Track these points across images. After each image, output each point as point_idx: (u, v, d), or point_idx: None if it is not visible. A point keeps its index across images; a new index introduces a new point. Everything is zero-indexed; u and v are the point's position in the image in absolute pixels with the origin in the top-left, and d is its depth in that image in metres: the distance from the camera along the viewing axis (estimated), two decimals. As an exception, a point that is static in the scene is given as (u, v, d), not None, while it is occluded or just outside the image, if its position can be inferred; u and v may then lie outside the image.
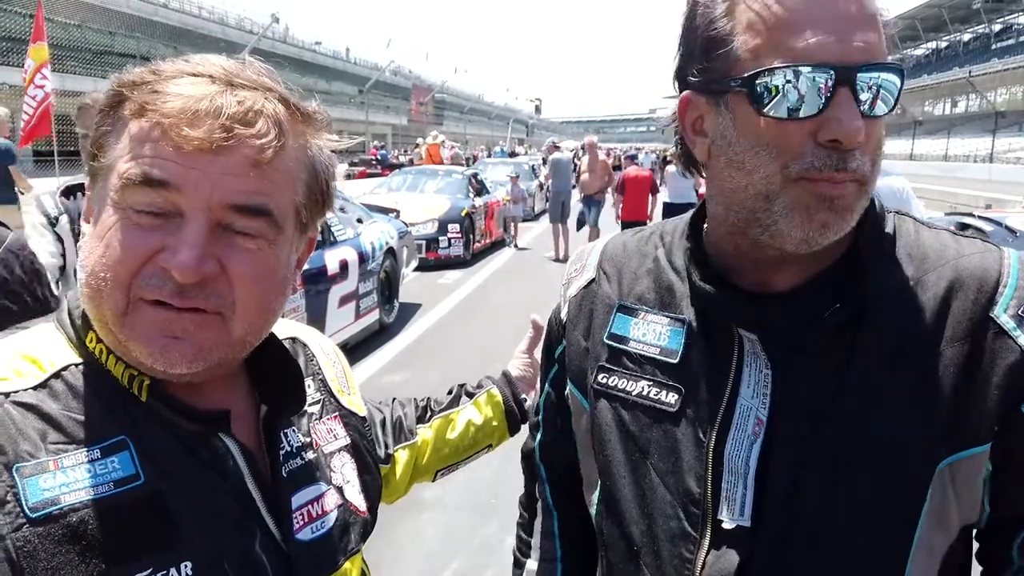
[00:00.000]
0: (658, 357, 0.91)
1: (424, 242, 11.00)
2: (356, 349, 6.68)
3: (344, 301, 6.42)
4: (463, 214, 11.85)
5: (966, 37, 71.00)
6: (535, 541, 1.15)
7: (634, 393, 0.92)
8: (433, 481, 1.27)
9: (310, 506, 0.83)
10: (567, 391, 1.03)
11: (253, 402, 0.83)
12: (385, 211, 8.97)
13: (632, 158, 17.52)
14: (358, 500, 0.92)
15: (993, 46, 64.53)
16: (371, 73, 59.89)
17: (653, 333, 0.93)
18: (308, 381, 0.92)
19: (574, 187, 13.02)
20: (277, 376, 0.84)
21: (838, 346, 0.83)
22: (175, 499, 0.71)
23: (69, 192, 2.89)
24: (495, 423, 1.28)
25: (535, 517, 1.16)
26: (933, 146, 55.42)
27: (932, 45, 76.00)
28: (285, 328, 0.95)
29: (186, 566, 0.69)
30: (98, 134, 0.73)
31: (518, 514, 1.21)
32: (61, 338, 0.75)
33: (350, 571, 0.88)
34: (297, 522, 0.81)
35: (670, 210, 12.54)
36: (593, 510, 1.00)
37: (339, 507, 0.87)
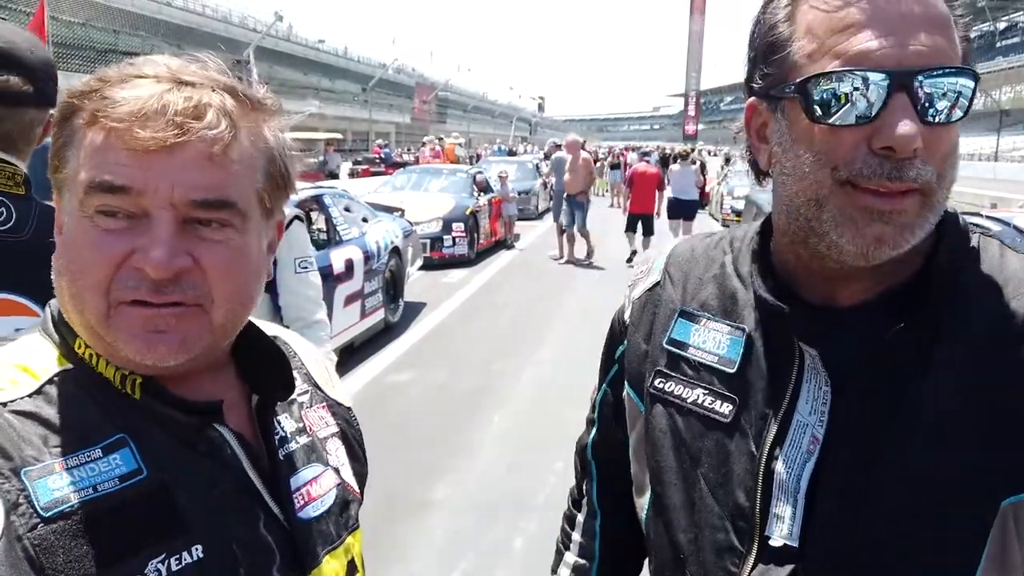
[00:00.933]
0: (715, 365, 0.90)
1: (428, 241, 11.00)
2: (361, 348, 6.68)
3: (350, 300, 6.42)
4: (467, 213, 11.84)
5: (971, 35, 70.64)
6: (576, 536, 1.16)
7: (689, 400, 0.90)
8: None
9: (309, 486, 0.86)
10: (624, 393, 1.02)
11: (243, 392, 0.86)
12: (390, 210, 8.97)
13: (645, 155, 17.89)
14: (352, 482, 0.95)
15: (998, 44, 64.29)
16: (375, 71, 59.88)
17: (713, 341, 0.91)
18: (295, 374, 0.94)
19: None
20: (264, 366, 0.87)
21: (904, 369, 0.79)
22: (179, 490, 0.73)
23: None
24: None
25: (580, 511, 1.16)
26: (937, 144, 55.04)
27: (936, 43, 75.53)
28: (267, 329, 0.98)
29: (197, 549, 0.72)
30: (57, 146, 0.74)
31: (566, 505, 1.21)
32: (49, 346, 0.77)
33: (353, 545, 0.91)
34: (298, 502, 0.83)
35: (674, 205, 13.29)
36: (642, 514, 0.99)
37: (337, 486, 0.91)
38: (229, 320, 0.77)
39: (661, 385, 0.94)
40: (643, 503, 0.98)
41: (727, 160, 28.42)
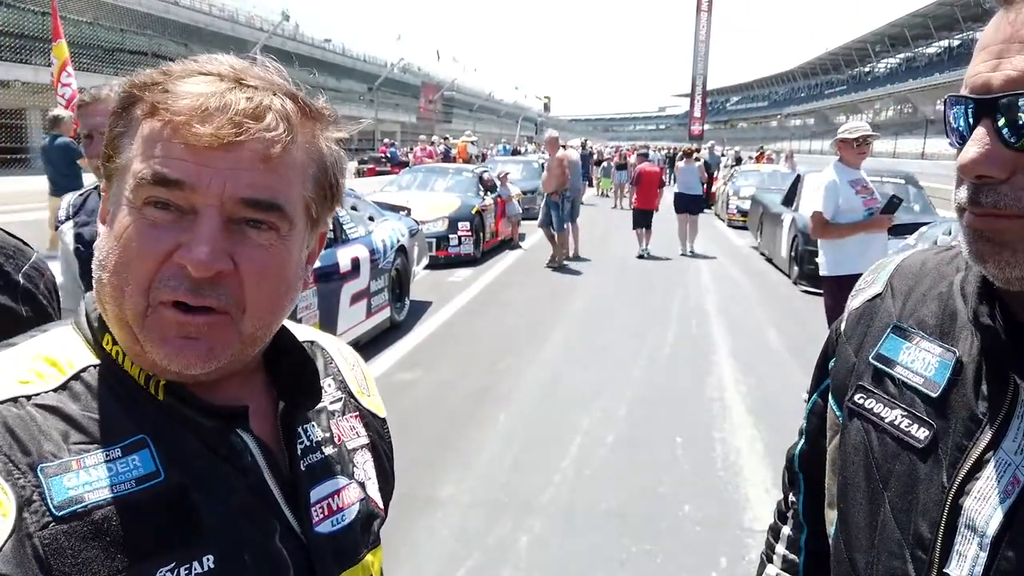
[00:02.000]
0: (920, 387, 0.85)
1: (434, 240, 11.00)
2: (367, 347, 6.70)
3: (356, 299, 6.43)
4: (473, 212, 11.85)
5: (978, 35, 70.30)
6: (780, 548, 1.14)
7: (887, 420, 0.87)
8: None
9: (330, 499, 0.84)
10: (829, 404, 1.00)
11: (271, 398, 0.84)
12: (396, 209, 8.98)
13: (644, 155, 18.44)
14: (377, 497, 0.93)
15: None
16: (380, 71, 59.96)
17: (922, 361, 0.86)
18: (329, 381, 0.93)
19: (589, 184, 13.03)
20: (295, 373, 0.85)
21: None
22: (195, 495, 0.72)
23: (86, 194, 2.75)
24: None
25: (785, 524, 1.14)
26: (945, 145, 55.01)
27: (944, 43, 75.44)
28: (304, 332, 0.97)
29: (208, 559, 0.70)
30: (112, 135, 0.74)
31: (772, 519, 1.19)
32: (79, 340, 0.77)
33: (372, 564, 0.89)
34: (317, 515, 0.82)
35: (680, 200, 13.93)
36: (830, 528, 0.97)
37: (360, 501, 0.88)
38: (258, 329, 0.75)
39: (861, 401, 0.91)
40: (832, 517, 0.96)
41: (738, 160, 28.37)
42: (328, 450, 0.87)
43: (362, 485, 0.90)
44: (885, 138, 57.81)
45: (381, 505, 0.94)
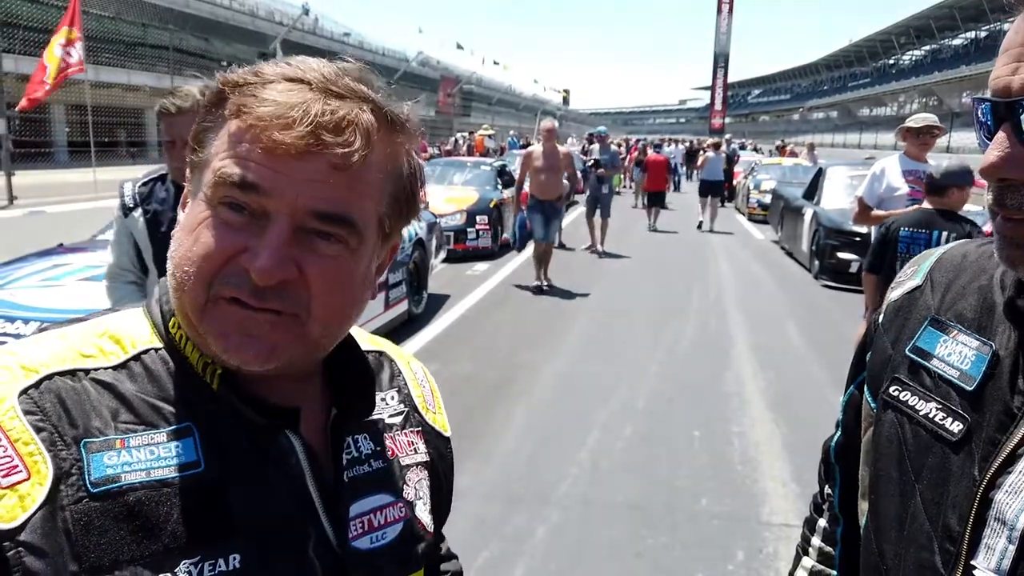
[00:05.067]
0: (955, 381, 0.84)
1: (452, 233, 11.02)
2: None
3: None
4: (491, 205, 11.85)
5: (1006, 27, 68.90)
6: (815, 541, 1.14)
7: (921, 413, 0.86)
8: None
9: (372, 515, 0.83)
10: (864, 396, 1.00)
11: (325, 405, 0.83)
12: (414, 202, 8.98)
13: (657, 147, 20.01)
14: (426, 519, 0.90)
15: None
16: (399, 64, 60.12)
17: (958, 355, 0.85)
18: (392, 393, 0.93)
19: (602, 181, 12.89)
20: (353, 380, 0.85)
21: None
22: (233, 491, 0.71)
23: (149, 183, 2.93)
24: None
25: (821, 516, 1.15)
26: (970, 138, 54.34)
27: (971, 35, 74.28)
28: (373, 342, 0.96)
29: (235, 558, 0.69)
30: (199, 129, 0.75)
31: (808, 510, 1.19)
32: (146, 323, 0.78)
33: None
34: (355, 530, 0.80)
35: (705, 186, 15.70)
36: (862, 519, 0.98)
37: (405, 520, 0.86)
38: (324, 336, 0.75)
39: (896, 393, 0.91)
40: (864, 508, 0.97)
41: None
42: (377, 464, 0.85)
43: (410, 505, 0.87)
44: (909, 131, 57.03)
45: (430, 528, 0.90)
